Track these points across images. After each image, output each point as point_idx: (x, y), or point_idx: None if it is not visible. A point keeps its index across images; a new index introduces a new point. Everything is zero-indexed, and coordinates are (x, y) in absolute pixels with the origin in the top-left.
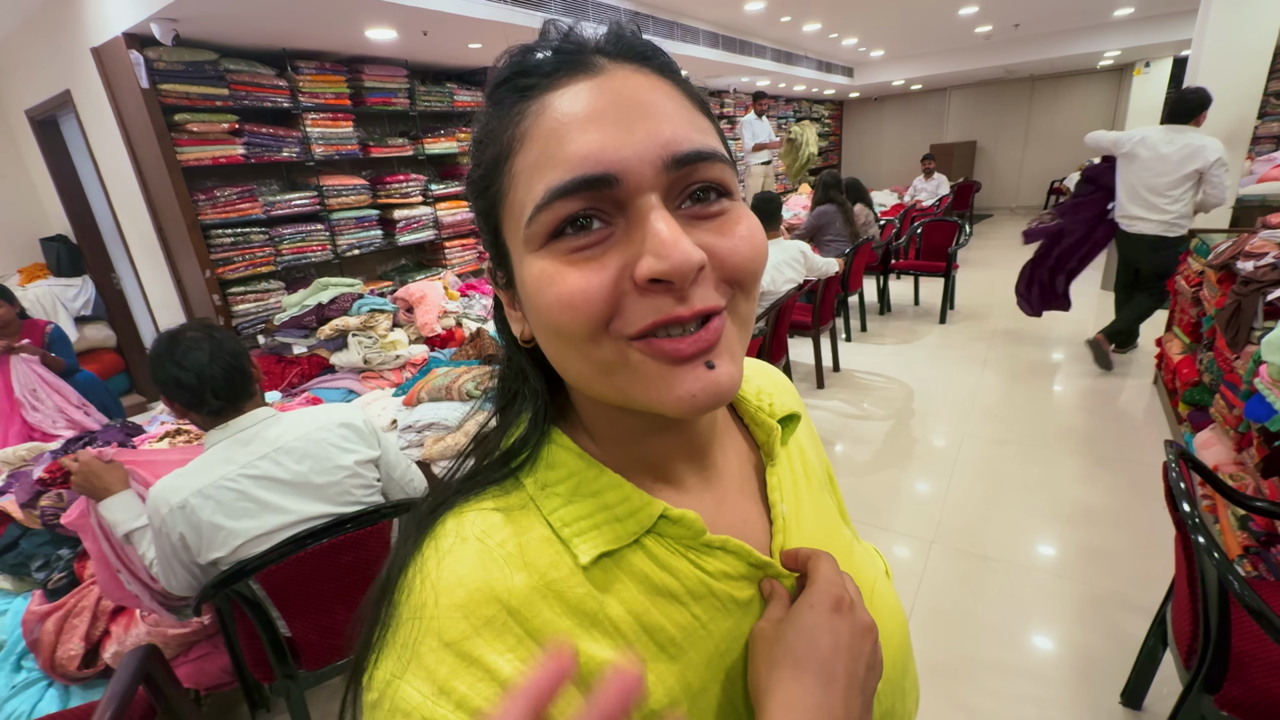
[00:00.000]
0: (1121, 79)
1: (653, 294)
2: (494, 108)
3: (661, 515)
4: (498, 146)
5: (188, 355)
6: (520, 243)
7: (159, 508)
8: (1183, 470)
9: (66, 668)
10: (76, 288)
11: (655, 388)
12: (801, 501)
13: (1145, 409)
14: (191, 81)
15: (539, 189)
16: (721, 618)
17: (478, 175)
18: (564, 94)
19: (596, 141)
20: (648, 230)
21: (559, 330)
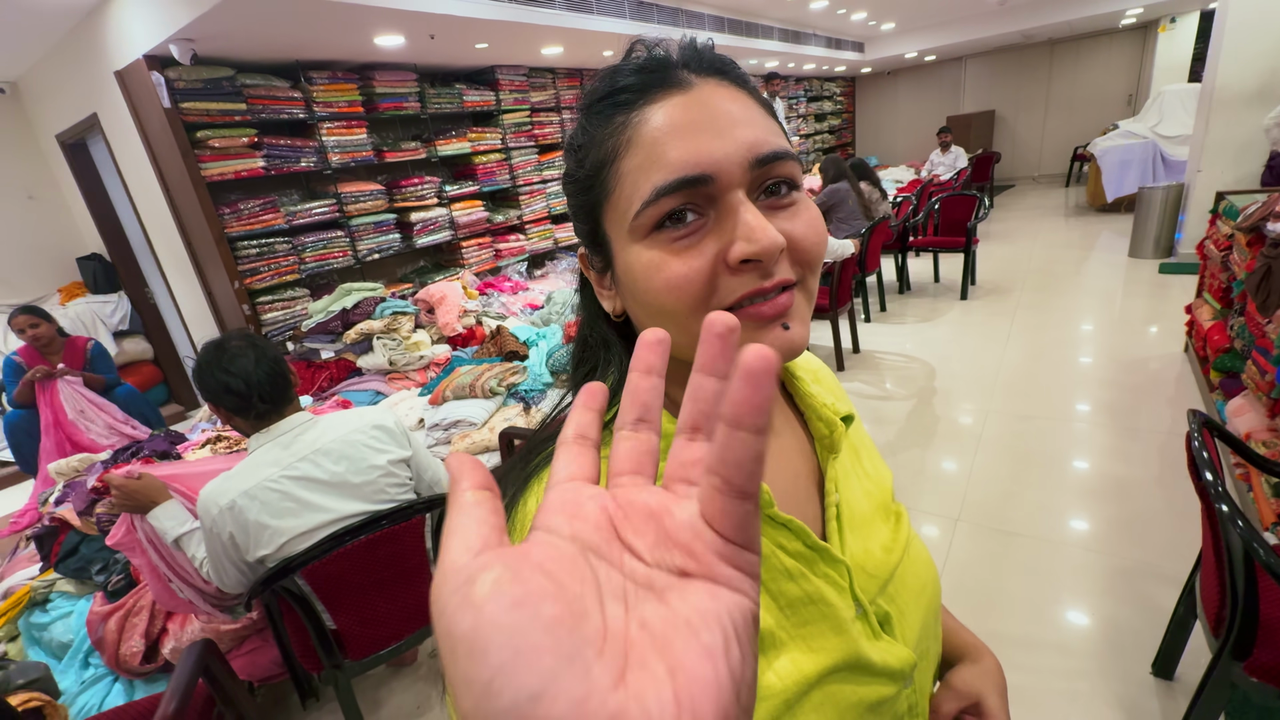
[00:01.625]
0: (1146, 37)
1: (743, 273)
2: (594, 118)
3: None
4: (601, 152)
5: (234, 362)
6: (624, 233)
7: (209, 509)
8: (1205, 438)
9: (130, 663)
10: (113, 304)
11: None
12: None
13: (1176, 378)
14: (211, 98)
15: (646, 188)
16: (783, 579)
17: (582, 175)
18: (661, 106)
19: (693, 147)
20: (738, 220)
21: (664, 309)
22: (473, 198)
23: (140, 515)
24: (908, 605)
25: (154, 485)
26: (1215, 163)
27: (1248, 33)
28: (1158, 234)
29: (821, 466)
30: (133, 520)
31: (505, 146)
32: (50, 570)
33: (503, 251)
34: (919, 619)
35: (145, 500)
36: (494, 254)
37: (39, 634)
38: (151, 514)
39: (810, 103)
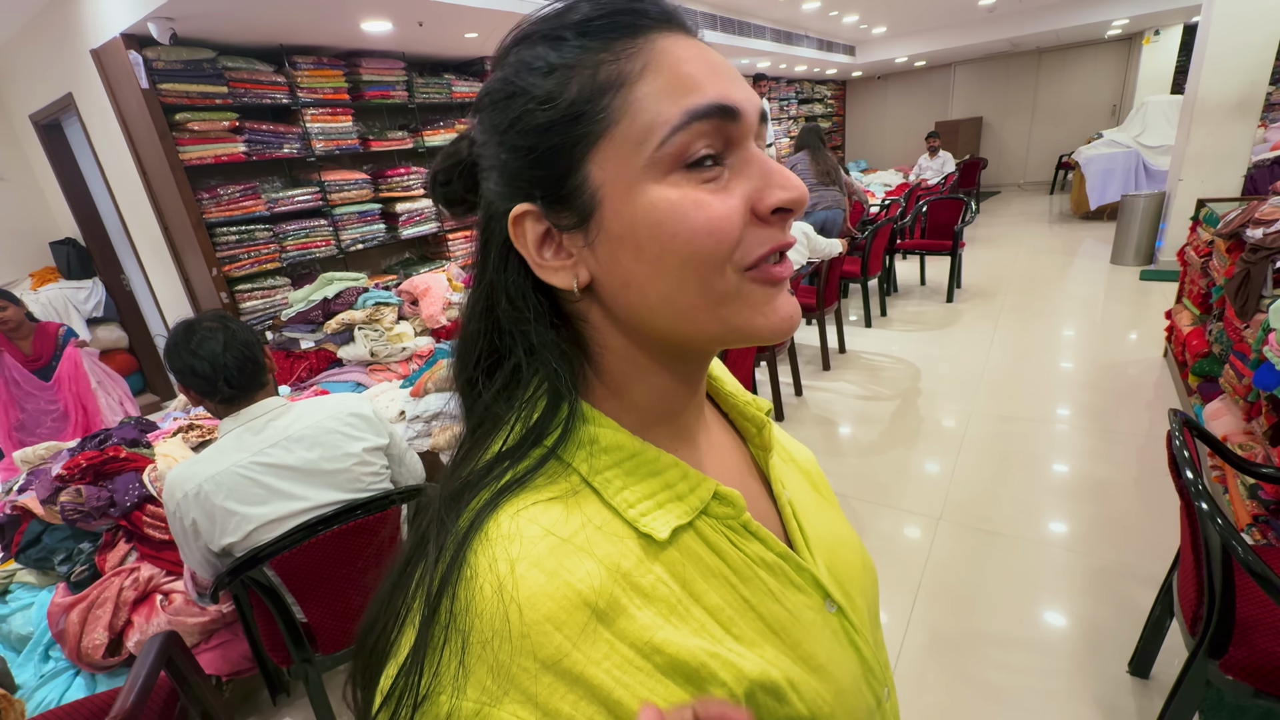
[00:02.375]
0: (1131, 48)
1: (770, 224)
2: (573, 42)
3: (714, 494)
4: (601, 76)
5: (203, 344)
6: (636, 170)
7: (174, 493)
8: (1186, 438)
9: (92, 656)
10: (87, 290)
11: (761, 311)
12: (798, 490)
13: (1155, 382)
14: (191, 80)
15: (673, 111)
16: (767, 599)
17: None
18: (677, 41)
19: (724, 82)
20: (766, 168)
21: (693, 257)
22: None
23: None
24: (855, 593)
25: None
26: (1196, 172)
27: (1229, 47)
28: (1139, 241)
29: (761, 466)
30: None
31: None
32: (10, 560)
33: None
34: (865, 608)
35: None
36: None
37: None
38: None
39: (801, 104)
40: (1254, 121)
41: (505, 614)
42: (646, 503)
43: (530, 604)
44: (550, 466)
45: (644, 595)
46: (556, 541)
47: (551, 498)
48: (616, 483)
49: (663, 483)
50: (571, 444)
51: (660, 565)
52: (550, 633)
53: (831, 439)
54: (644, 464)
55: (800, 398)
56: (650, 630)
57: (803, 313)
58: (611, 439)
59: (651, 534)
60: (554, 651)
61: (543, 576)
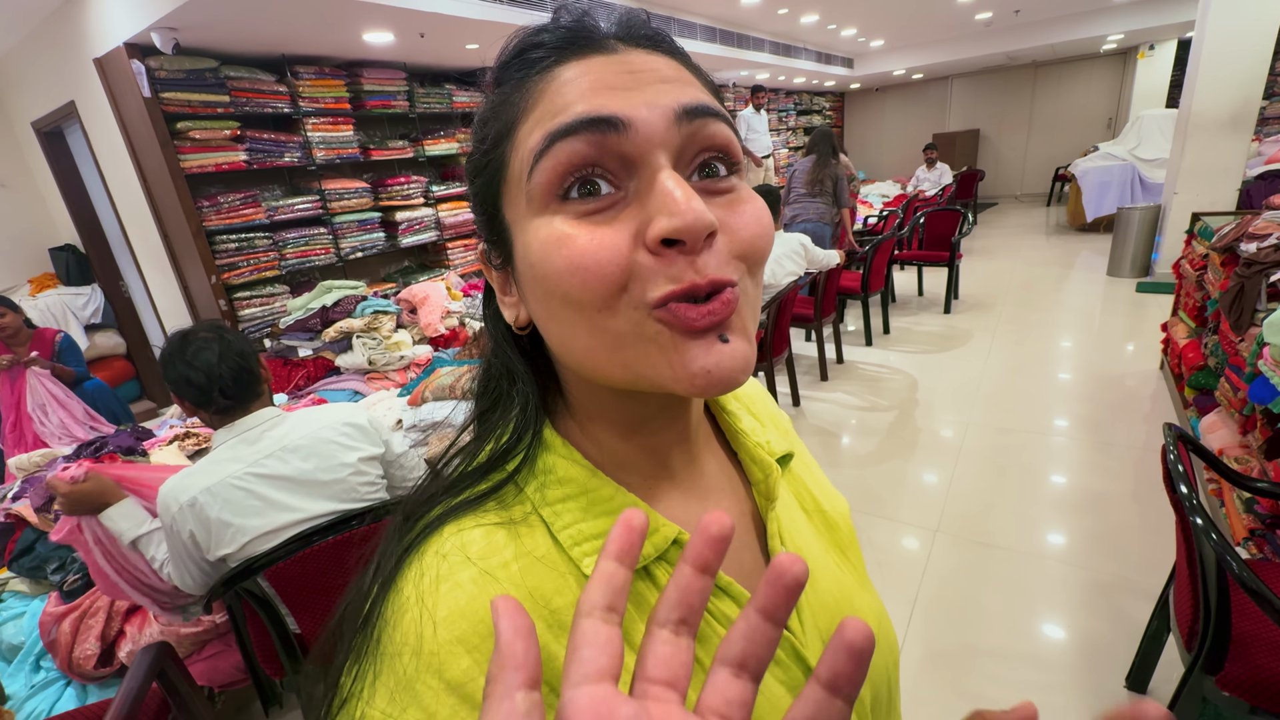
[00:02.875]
0: (1126, 62)
1: (666, 258)
2: (499, 87)
3: (674, 540)
4: (501, 121)
5: (198, 355)
6: (522, 208)
7: (169, 505)
8: (1181, 452)
9: (83, 667)
10: (86, 296)
11: (669, 361)
12: (805, 544)
13: (1152, 395)
14: (193, 89)
15: (537, 136)
16: None
17: (479, 154)
18: (574, 65)
19: (605, 97)
20: (658, 189)
21: (569, 298)
22: (460, 199)
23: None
24: None
25: (104, 485)
26: (1191, 185)
27: (1223, 62)
28: (1135, 254)
29: (761, 515)
30: (79, 522)
31: None
32: (3, 569)
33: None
34: (869, 691)
35: (96, 501)
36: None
37: None
38: (104, 515)
39: (800, 116)
40: (1248, 135)
41: (420, 630)
42: (593, 542)
43: (446, 623)
44: (507, 491)
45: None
46: (482, 571)
47: (496, 523)
48: (566, 516)
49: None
50: (529, 471)
51: None
52: (460, 655)
53: (829, 450)
54: (597, 501)
55: (798, 408)
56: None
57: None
58: (567, 471)
59: (586, 575)
60: (460, 674)
61: (463, 597)
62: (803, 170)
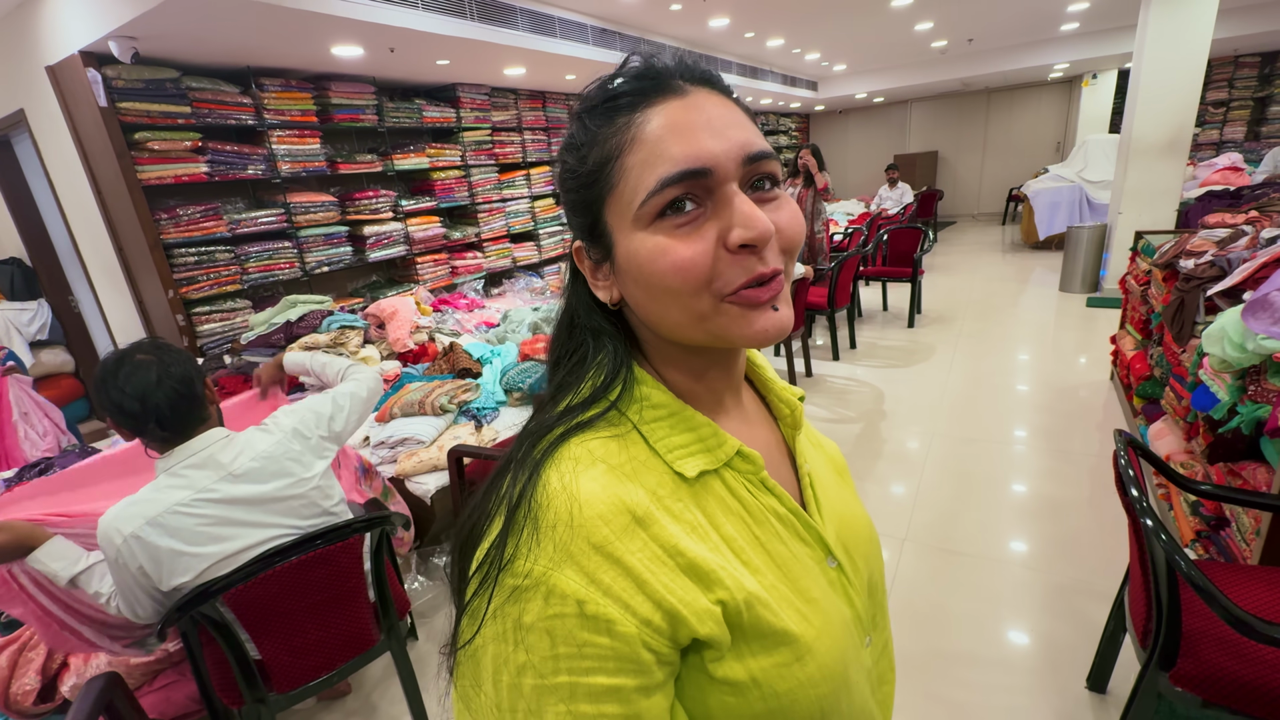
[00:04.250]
0: (1072, 90)
1: (741, 257)
2: (595, 119)
3: (738, 451)
4: (605, 149)
5: (131, 379)
6: (628, 223)
7: (112, 538)
8: (1131, 457)
9: (21, 704)
10: (31, 311)
11: (740, 326)
12: (818, 466)
13: (1104, 404)
14: (152, 99)
15: (651, 179)
16: (776, 541)
17: (584, 171)
18: (662, 109)
19: (694, 144)
20: (735, 208)
21: (670, 289)
22: (430, 213)
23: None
24: (858, 559)
25: (23, 530)
26: (1134, 206)
27: (1158, 91)
28: (1085, 270)
29: (789, 442)
30: (9, 570)
31: (465, 164)
32: None
33: (459, 269)
34: (866, 572)
35: (17, 548)
36: (450, 271)
37: None
38: (32, 558)
39: (767, 136)
40: (1183, 159)
41: (569, 508)
42: (681, 450)
43: (588, 503)
44: (611, 415)
45: (672, 515)
46: (609, 467)
47: (609, 436)
48: (660, 431)
49: (696, 437)
50: (628, 400)
51: (688, 496)
52: (599, 526)
53: None
54: (682, 421)
55: None
56: (676, 538)
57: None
58: (659, 398)
59: (683, 472)
60: (601, 539)
61: (597, 487)
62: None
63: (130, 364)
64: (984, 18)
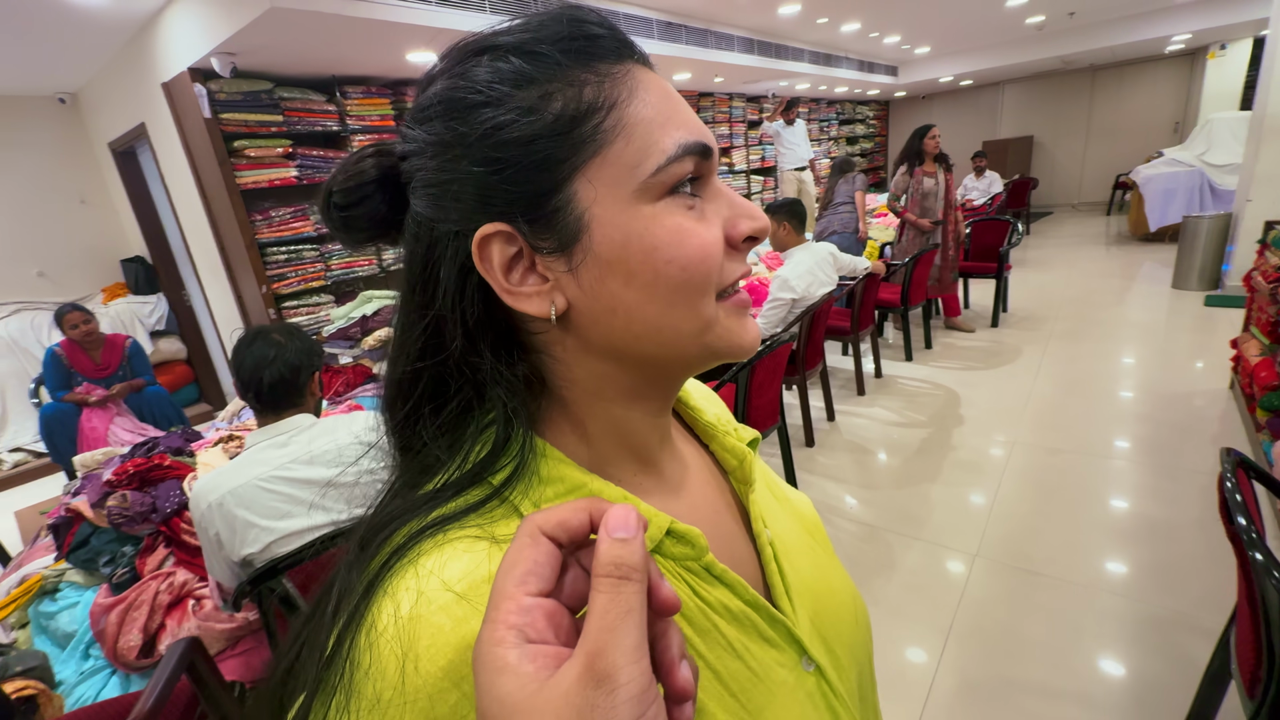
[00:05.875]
0: (1194, 64)
1: (740, 251)
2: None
3: (668, 531)
4: (584, 94)
5: (255, 353)
6: (628, 194)
7: (199, 504)
8: (1240, 480)
9: (126, 657)
10: (151, 304)
11: (736, 335)
12: (783, 529)
13: (1221, 416)
14: (249, 110)
15: (668, 143)
16: (727, 656)
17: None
18: (649, 74)
19: (696, 120)
20: (733, 198)
21: (687, 284)
22: None
23: None
24: (843, 653)
25: None
26: (1266, 193)
27: None
28: (1203, 265)
29: (742, 501)
30: None
31: None
32: (62, 560)
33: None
34: (854, 670)
35: None
36: None
37: (46, 623)
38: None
39: (842, 125)
40: None
41: (401, 668)
42: None
43: (428, 657)
44: (490, 505)
45: None
46: (468, 586)
47: (477, 536)
48: None
49: None
50: (521, 482)
51: None
52: (447, 690)
53: (863, 467)
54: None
55: (832, 423)
56: None
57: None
58: (554, 471)
59: None
60: (448, 711)
61: (448, 623)
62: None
63: (261, 341)
64: None
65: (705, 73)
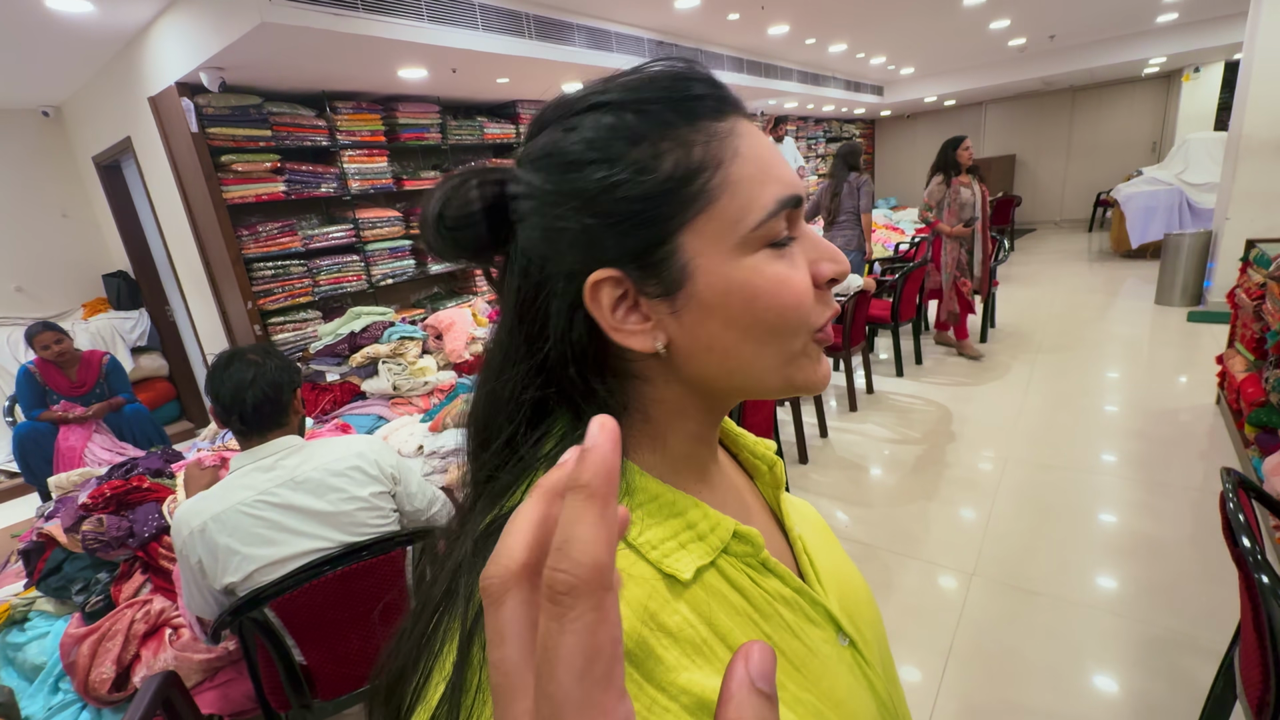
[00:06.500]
0: (1170, 85)
1: (824, 292)
2: (677, 115)
3: (734, 533)
4: (694, 155)
5: (233, 375)
6: (729, 247)
7: (180, 530)
8: (1242, 500)
9: (98, 690)
10: (133, 320)
11: (813, 369)
12: (805, 527)
13: (1208, 431)
14: (237, 124)
15: (767, 199)
16: (788, 636)
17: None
18: (748, 126)
19: (788, 170)
20: (816, 243)
21: (784, 326)
22: None
23: None
24: (867, 630)
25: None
26: (1244, 211)
27: (1274, 83)
28: (1185, 281)
29: (772, 504)
30: None
31: None
32: (32, 588)
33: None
34: (877, 645)
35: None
36: None
37: (13, 654)
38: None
39: (829, 143)
40: None
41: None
42: (670, 543)
43: None
44: None
45: (670, 635)
46: None
47: None
48: (637, 526)
49: (685, 523)
50: None
51: (685, 605)
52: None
53: (857, 484)
54: (666, 505)
55: (825, 439)
56: (676, 671)
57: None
58: (636, 483)
59: (675, 574)
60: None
61: None
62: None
63: (239, 361)
64: (1067, 12)
65: None
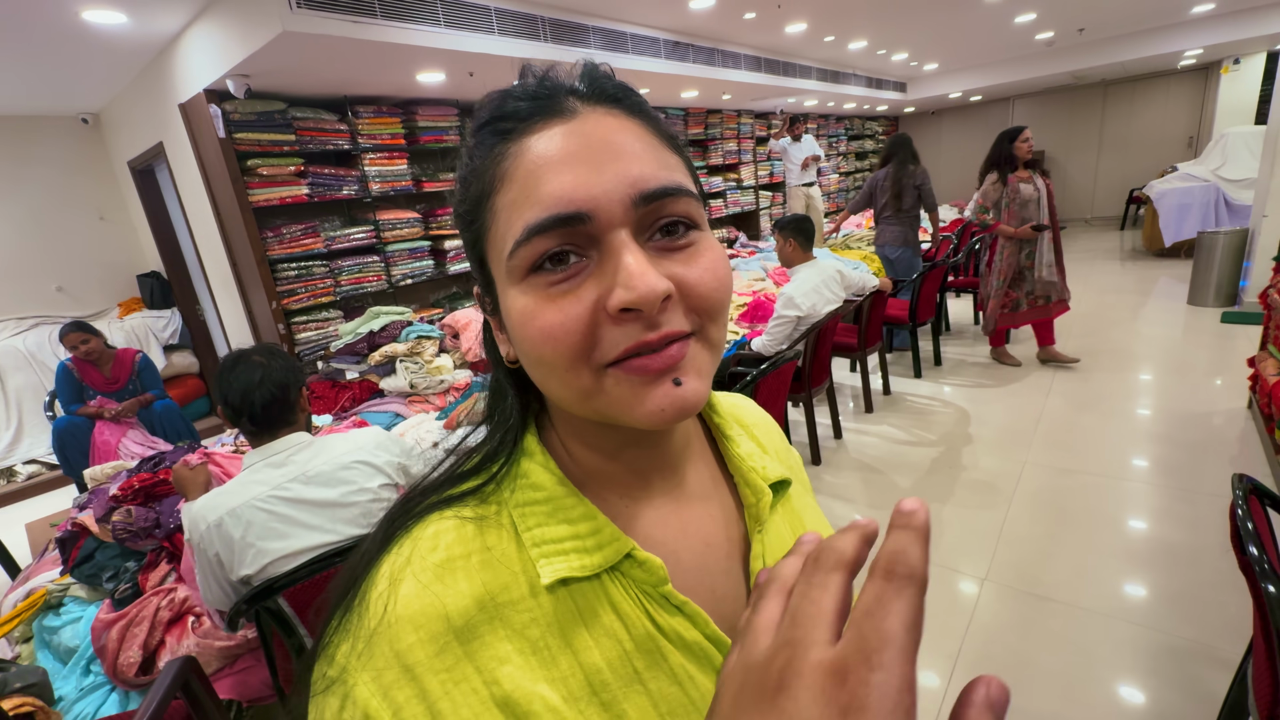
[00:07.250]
0: (1208, 78)
1: (624, 322)
2: (477, 147)
3: (628, 555)
4: (481, 184)
5: (240, 377)
6: (504, 274)
7: (197, 525)
8: (1253, 508)
9: (125, 674)
10: (166, 319)
11: (629, 404)
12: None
13: (1240, 436)
14: (262, 130)
15: (518, 226)
16: (666, 681)
17: (464, 210)
18: (540, 137)
19: (569, 182)
20: (618, 264)
21: (541, 359)
22: None
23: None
24: None
25: (198, 477)
26: None
27: None
28: (1220, 281)
29: (749, 537)
30: None
31: None
32: (67, 574)
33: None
34: None
35: (181, 492)
36: None
37: (49, 637)
38: (185, 506)
39: (851, 141)
40: None
41: (384, 603)
42: (551, 546)
43: (402, 601)
44: (487, 490)
45: (510, 629)
46: (450, 556)
47: (471, 517)
48: (532, 519)
49: (571, 532)
50: (509, 475)
51: (542, 607)
52: (407, 631)
53: (871, 486)
54: (559, 509)
55: (839, 440)
56: (501, 661)
57: (844, 353)
58: (539, 478)
59: (540, 575)
60: (405, 648)
61: (418, 586)
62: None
63: (244, 363)
64: (1096, 5)
65: (713, 90)
